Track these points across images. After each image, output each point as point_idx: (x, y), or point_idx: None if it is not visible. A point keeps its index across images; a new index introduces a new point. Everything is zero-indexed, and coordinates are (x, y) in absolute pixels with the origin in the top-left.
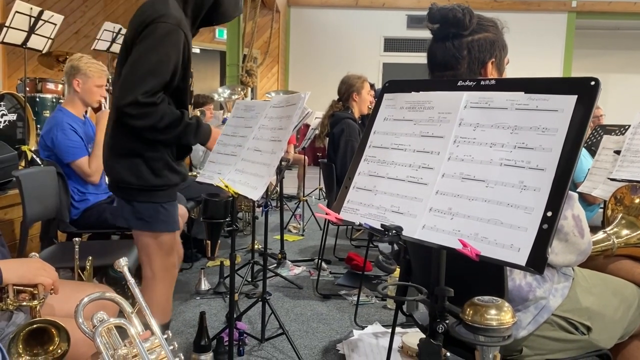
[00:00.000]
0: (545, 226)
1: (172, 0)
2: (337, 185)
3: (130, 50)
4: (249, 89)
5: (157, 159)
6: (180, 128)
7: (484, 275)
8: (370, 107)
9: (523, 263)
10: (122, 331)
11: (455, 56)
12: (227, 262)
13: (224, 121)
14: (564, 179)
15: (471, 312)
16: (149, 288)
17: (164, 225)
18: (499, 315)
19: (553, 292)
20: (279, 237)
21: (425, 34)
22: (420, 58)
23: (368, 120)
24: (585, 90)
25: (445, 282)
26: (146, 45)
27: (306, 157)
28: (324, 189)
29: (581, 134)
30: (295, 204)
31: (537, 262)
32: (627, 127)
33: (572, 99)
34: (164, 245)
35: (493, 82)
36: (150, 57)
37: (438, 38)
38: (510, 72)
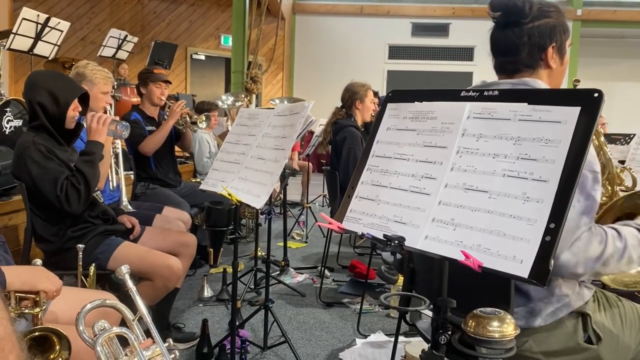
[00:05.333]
0: (548, 238)
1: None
2: (340, 192)
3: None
4: (254, 96)
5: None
6: (82, 173)
7: (490, 285)
8: (373, 115)
9: (526, 275)
10: (123, 338)
11: (516, 43)
12: (230, 269)
13: None
14: (567, 190)
15: (473, 323)
16: None
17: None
18: (501, 327)
19: (576, 292)
20: (282, 244)
21: (430, 41)
22: (425, 65)
23: (371, 130)
24: (588, 102)
25: (452, 290)
26: (34, 167)
27: (310, 163)
28: (327, 196)
29: (584, 146)
30: (299, 210)
31: (540, 274)
32: (631, 136)
33: (575, 111)
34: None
35: (496, 92)
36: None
37: (499, 26)
38: None
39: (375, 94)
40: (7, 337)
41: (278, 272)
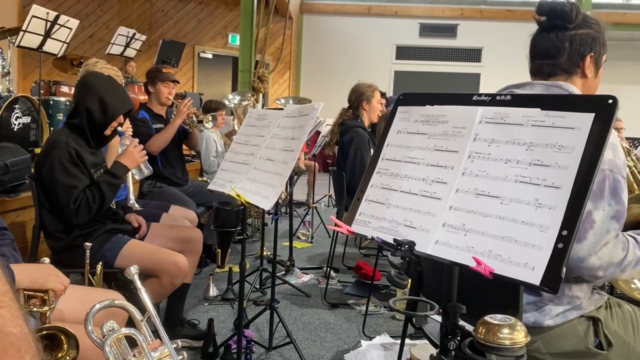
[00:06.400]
0: (560, 245)
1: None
2: (347, 193)
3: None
4: (260, 95)
5: None
6: (102, 194)
7: (498, 290)
8: (379, 115)
9: (537, 282)
10: (131, 338)
11: (558, 47)
12: (235, 269)
13: None
14: (580, 197)
15: (484, 330)
16: None
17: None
18: (512, 334)
19: (588, 296)
20: (287, 243)
21: (438, 42)
22: (432, 66)
23: (382, 133)
24: (603, 108)
25: (458, 295)
26: (59, 170)
27: (316, 163)
28: (333, 196)
29: (598, 153)
30: (305, 210)
31: (552, 281)
32: None
33: (589, 117)
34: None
35: (509, 97)
36: (62, 177)
37: (543, 29)
38: None
39: (383, 94)
40: (24, 336)
41: (283, 272)
